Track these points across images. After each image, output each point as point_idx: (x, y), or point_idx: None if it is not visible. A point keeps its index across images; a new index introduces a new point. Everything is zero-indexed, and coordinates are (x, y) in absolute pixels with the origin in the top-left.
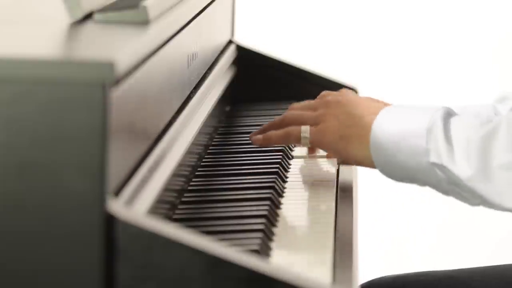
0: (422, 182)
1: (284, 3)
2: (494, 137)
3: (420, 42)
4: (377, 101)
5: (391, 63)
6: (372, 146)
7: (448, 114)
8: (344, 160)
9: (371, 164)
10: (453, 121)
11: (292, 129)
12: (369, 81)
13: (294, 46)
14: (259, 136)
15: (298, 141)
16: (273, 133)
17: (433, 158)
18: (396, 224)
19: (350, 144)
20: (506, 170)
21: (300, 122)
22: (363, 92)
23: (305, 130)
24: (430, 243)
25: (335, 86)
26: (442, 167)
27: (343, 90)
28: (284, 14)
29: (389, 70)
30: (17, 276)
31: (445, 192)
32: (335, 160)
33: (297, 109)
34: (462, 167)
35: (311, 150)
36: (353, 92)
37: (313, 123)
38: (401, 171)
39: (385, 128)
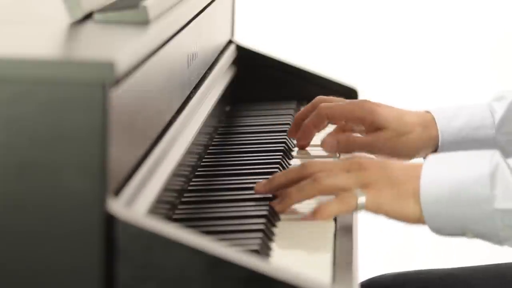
0: (475, 233)
1: (284, 3)
2: None
3: (419, 42)
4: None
5: (391, 63)
6: (424, 201)
7: (504, 157)
8: (402, 221)
9: (423, 220)
10: None
11: (344, 196)
12: (368, 81)
13: (294, 46)
14: (316, 211)
15: (353, 208)
16: (324, 206)
17: (499, 204)
18: (396, 222)
19: (407, 202)
20: None
21: (340, 184)
22: (363, 92)
23: (359, 193)
24: (430, 241)
25: (335, 86)
26: (509, 212)
27: (359, 153)
28: (284, 14)
29: (389, 70)
30: (17, 276)
31: (501, 241)
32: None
33: (320, 167)
34: None
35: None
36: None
37: (354, 186)
38: (454, 224)
39: (438, 178)
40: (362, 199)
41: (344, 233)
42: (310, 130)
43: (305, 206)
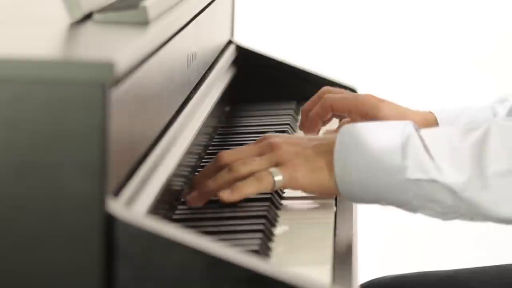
0: (389, 201)
1: (284, 3)
2: (485, 144)
3: (419, 42)
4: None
5: (391, 63)
6: (337, 171)
7: (417, 128)
8: (320, 193)
9: (337, 191)
10: (425, 134)
11: (260, 174)
12: (368, 81)
13: (294, 46)
14: (227, 195)
15: (271, 185)
16: (241, 184)
17: (411, 174)
18: (395, 224)
19: (322, 173)
20: (502, 177)
21: (255, 168)
22: (362, 92)
23: (275, 171)
24: (430, 243)
25: (335, 86)
26: (424, 182)
27: (269, 134)
28: (284, 14)
29: (389, 70)
30: (17, 276)
31: (414, 209)
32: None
33: (234, 156)
34: (452, 177)
35: None
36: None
37: (270, 166)
38: (367, 191)
39: (350, 148)
40: (278, 177)
41: (344, 233)
42: (315, 121)
43: (303, 211)
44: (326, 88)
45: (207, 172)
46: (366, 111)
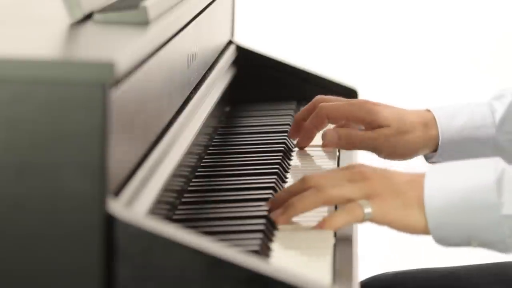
0: (480, 242)
1: (284, 3)
2: None
3: (419, 42)
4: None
5: (391, 63)
6: (428, 210)
7: (507, 165)
8: (407, 231)
9: (428, 231)
10: None
11: (351, 206)
12: (368, 81)
13: (294, 46)
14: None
15: (361, 218)
16: (331, 216)
17: (508, 211)
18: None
19: (413, 211)
20: None
21: (346, 194)
22: (363, 92)
23: (365, 203)
24: (431, 239)
25: (335, 86)
26: None
27: (360, 163)
28: (284, 15)
29: (389, 70)
30: (17, 276)
31: (506, 249)
32: (335, 161)
33: (322, 180)
34: None
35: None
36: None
37: (359, 197)
38: (459, 232)
39: (440, 188)
40: (368, 210)
41: (344, 233)
42: (311, 131)
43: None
44: (320, 97)
45: (292, 191)
46: (363, 117)
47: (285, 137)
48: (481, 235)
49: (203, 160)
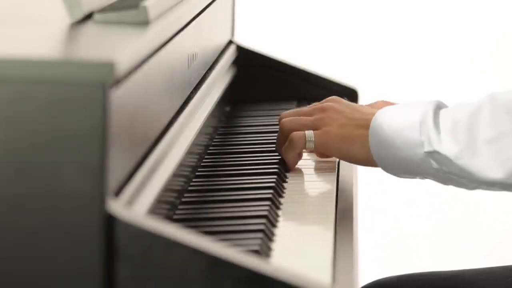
0: (422, 174)
1: (284, 3)
2: (479, 115)
3: (419, 42)
4: (372, 106)
5: (391, 63)
6: (372, 145)
7: (438, 107)
8: (348, 161)
9: (374, 163)
10: (443, 111)
11: (294, 134)
12: (369, 81)
13: (294, 46)
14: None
15: (303, 146)
16: (283, 154)
17: (426, 148)
18: (401, 224)
19: (354, 144)
20: (489, 144)
21: (299, 127)
22: (363, 92)
23: (309, 134)
24: (434, 243)
25: (335, 86)
26: (434, 154)
27: (335, 97)
28: (284, 14)
29: (389, 70)
30: (17, 276)
31: (444, 181)
32: (335, 161)
33: (290, 116)
34: (448, 146)
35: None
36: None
37: (313, 127)
38: (402, 166)
39: (382, 125)
40: (310, 139)
41: (344, 233)
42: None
43: (303, 212)
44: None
45: (280, 141)
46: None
47: None
48: (416, 168)
49: (203, 160)
